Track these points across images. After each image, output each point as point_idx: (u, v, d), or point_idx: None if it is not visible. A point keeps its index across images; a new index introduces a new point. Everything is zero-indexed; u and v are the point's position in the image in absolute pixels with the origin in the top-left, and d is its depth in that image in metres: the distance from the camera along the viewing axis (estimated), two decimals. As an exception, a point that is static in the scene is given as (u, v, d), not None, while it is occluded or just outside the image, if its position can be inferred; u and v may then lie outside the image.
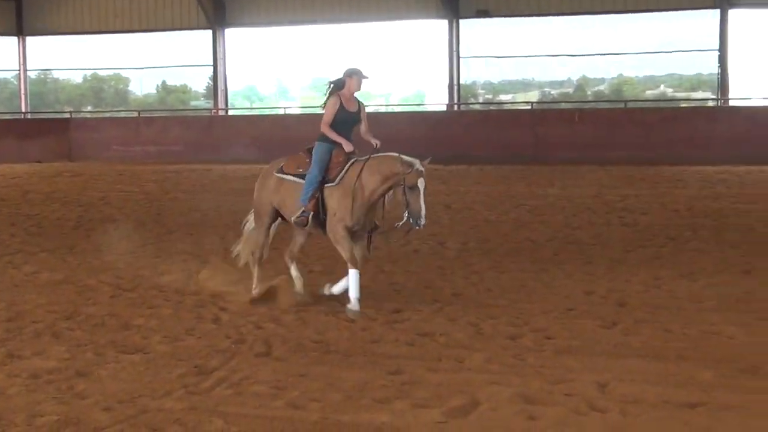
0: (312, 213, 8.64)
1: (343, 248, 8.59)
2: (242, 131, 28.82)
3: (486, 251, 11.85)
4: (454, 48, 29.38)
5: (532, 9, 28.57)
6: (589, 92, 30.56)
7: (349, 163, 8.66)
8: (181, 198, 18.64)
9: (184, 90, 35.10)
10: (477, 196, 17.57)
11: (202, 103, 34.28)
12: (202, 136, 28.95)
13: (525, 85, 31.21)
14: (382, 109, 31.96)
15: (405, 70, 31.47)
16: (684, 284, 9.67)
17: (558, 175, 20.58)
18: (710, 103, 28.19)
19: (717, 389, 6.19)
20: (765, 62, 27.30)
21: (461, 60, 29.59)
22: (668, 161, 22.25)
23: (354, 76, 8.89)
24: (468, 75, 30.10)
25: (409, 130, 25.24)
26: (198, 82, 34.23)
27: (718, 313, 8.34)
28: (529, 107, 28.83)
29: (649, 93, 30.13)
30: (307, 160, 8.84)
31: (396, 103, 32.94)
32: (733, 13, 26.49)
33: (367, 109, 9.13)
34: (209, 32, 31.70)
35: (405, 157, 8.41)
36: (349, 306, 8.44)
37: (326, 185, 8.66)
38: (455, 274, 10.33)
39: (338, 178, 8.63)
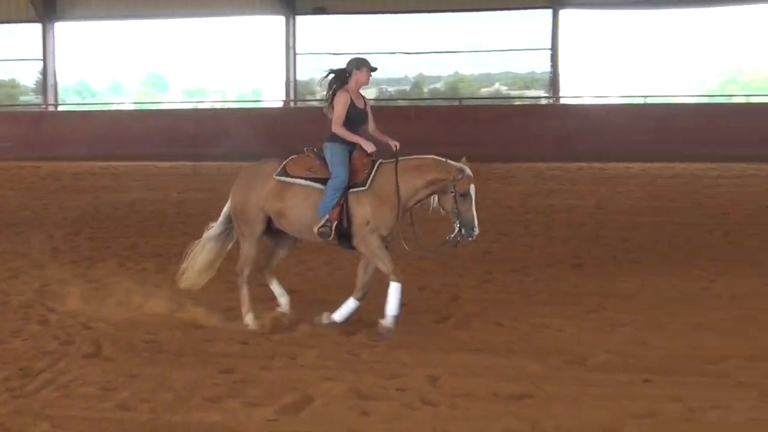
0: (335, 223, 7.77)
1: (382, 260, 7.75)
2: (73, 127, 27.86)
3: (320, 248, 11.78)
4: (291, 45, 29.33)
5: (370, 6, 28.74)
6: (425, 90, 30.99)
7: (375, 166, 7.92)
8: (9, 196, 17.96)
9: (12, 85, 33.84)
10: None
11: (31, 98, 33.10)
12: (32, 133, 27.96)
13: (363, 83, 31.44)
14: (218, 106, 31.57)
15: (241, 66, 31.15)
16: (515, 278, 9.91)
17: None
18: (543, 101, 29.10)
19: (546, 381, 6.37)
20: (595, 61, 28.45)
21: (298, 57, 29.57)
22: (502, 158, 22.65)
23: (363, 68, 8.09)
24: (306, 72, 30.09)
25: (245, 127, 25.05)
26: (27, 76, 33.03)
27: (548, 306, 8.60)
28: (366, 104, 29.10)
29: (484, 91, 30.76)
30: (318, 162, 7.98)
31: (232, 100, 32.61)
32: (564, 13, 27.42)
33: (202, 106, 8.86)
34: (39, 26, 30.69)
35: (452, 162, 7.77)
36: (384, 323, 7.64)
37: (351, 191, 7.80)
38: (289, 271, 10.21)
39: (368, 182, 7.82)
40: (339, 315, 7.93)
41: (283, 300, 8.21)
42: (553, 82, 27.58)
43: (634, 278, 9.59)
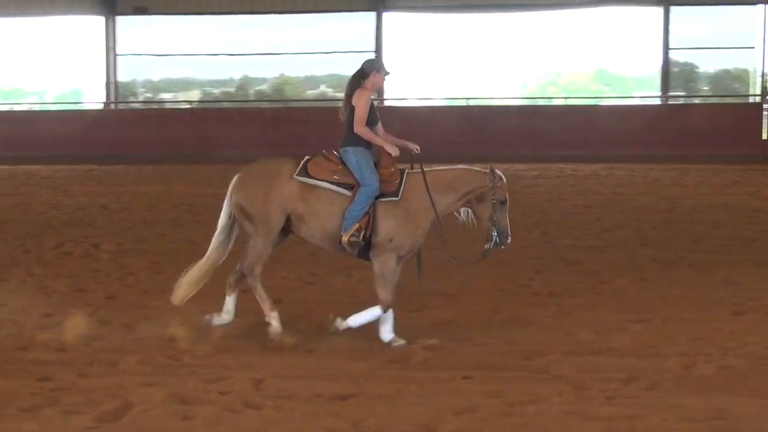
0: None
1: (387, 286, 7.45)
2: None
3: (142, 252, 11.63)
4: (111, 45, 28.60)
5: (193, 7, 28.33)
6: (251, 92, 30.85)
7: (404, 176, 7.59)
8: None
9: None
10: (134, 197, 17.11)
11: None
12: None
13: (187, 84, 30.94)
14: (36, 108, 30.48)
15: (60, 67, 30.19)
16: (340, 279, 9.98)
17: (219, 174, 20.54)
18: (369, 103, 29.45)
19: (368, 380, 6.44)
20: (419, 63, 28.99)
21: (119, 58, 28.86)
22: (329, 160, 22.73)
23: (381, 70, 7.80)
24: (127, 73, 29.39)
25: (63, 129, 24.32)
26: None
27: (369, 306, 8.65)
28: (191, 106, 28.73)
29: (311, 93, 30.93)
30: (341, 167, 7.56)
31: (51, 101, 31.50)
32: (388, 16, 27.82)
33: (19, 108, 8.42)
34: None
35: (484, 169, 7.64)
36: (339, 324, 7.52)
37: (380, 200, 7.43)
38: (110, 276, 10.06)
39: (400, 193, 7.47)
40: (356, 320, 7.59)
41: (226, 317, 7.69)
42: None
43: (455, 276, 9.74)
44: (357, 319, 7.53)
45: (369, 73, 7.71)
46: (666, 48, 26.19)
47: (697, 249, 11.57)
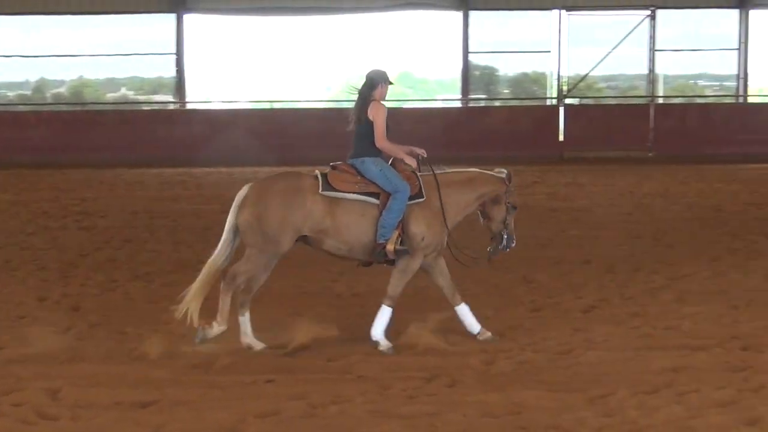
0: None
1: (402, 283, 7.67)
2: None
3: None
4: None
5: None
6: (48, 94, 29.82)
7: (420, 179, 7.69)
8: None
9: None
10: None
11: None
12: None
13: (-23, 87, 29.67)
14: None
15: None
16: (140, 285, 9.84)
17: (13, 180, 19.80)
18: (171, 106, 29.00)
19: (170, 386, 6.41)
20: (222, 66, 28.79)
21: None
22: (128, 163, 22.41)
23: (387, 82, 7.89)
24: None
25: None
26: None
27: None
28: (-18, 110, 27.54)
29: (110, 95, 30.18)
30: (360, 177, 7.58)
31: None
32: (189, 18, 27.32)
33: None
34: None
35: (496, 173, 7.87)
36: (381, 345, 7.48)
37: (408, 203, 7.53)
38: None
39: (423, 194, 7.59)
40: (471, 325, 7.74)
41: (216, 330, 7.34)
42: (179, 86, 27.54)
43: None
44: (378, 329, 7.59)
45: (377, 84, 7.84)
46: (466, 52, 26.93)
47: (496, 248, 12.01)
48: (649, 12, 25.72)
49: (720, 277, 9.93)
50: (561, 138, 25.04)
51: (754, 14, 27.41)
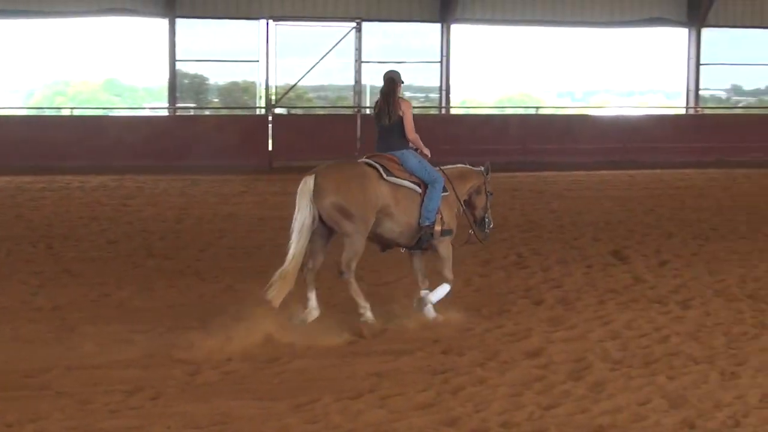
0: None
1: (450, 264, 8.92)
2: None
3: None
4: None
5: None
6: None
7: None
8: None
9: None
10: None
11: None
12: None
13: None
14: None
15: None
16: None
17: None
18: None
19: None
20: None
21: None
22: None
23: (401, 82, 8.92)
24: None
25: None
26: None
27: None
28: None
29: None
30: (400, 167, 8.55)
31: None
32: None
33: None
34: None
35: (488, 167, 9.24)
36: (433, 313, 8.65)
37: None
38: None
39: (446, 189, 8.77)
40: (435, 297, 8.76)
41: (315, 313, 8.32)
42: None
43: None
44: (435, 297, 8.74)
45: (398, 83, 8.79)
46: (173, 59, 26.60)
47: (203, 258, 11.99)
48: (355, 24, 26.44)
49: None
50: (270, 147, 25.29)
51: (455, 28, 29.00)
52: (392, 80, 8.79)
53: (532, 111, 30.85)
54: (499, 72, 33.68)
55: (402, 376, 6.98)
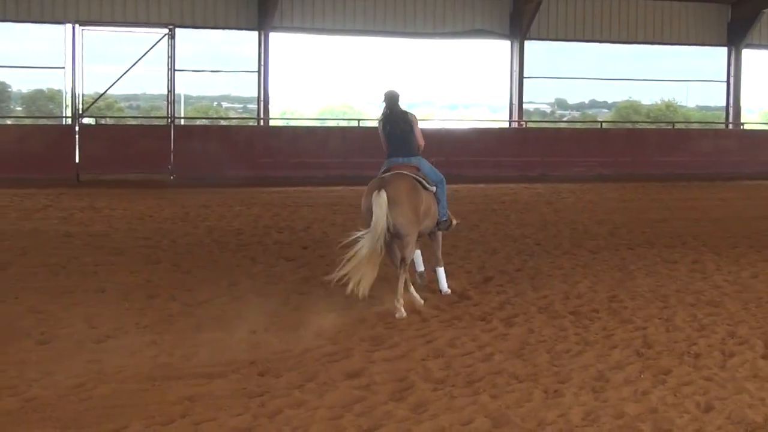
0: None
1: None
2: None
3: None
4: None
5: None
6: None
7: None
8: None
9: None
10: None
11: None
12: None
13: None
14: None
15: None
16: None
17: None
18: None
19: None
20: None
21: None
22: None
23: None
24: None
25: None
26: None
27: None
28: None
29: None
30: (421, 173, 10.29)
31: None
32: None
33: None
34: None
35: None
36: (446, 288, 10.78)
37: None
38: None
39: None
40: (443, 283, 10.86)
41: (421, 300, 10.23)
42: None
43: None
44: (444, 284, 10.80)
45: (399, 98, 10.53)
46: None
47: (2, 278, 11.42)
48: (167, 30, 25.97)
49: (239, 301, 10.21)
50: (77, 159, 24.56)
51: (274, 37, 29.14)
52: (397, 97, 10.47)
53: (354, 123, 31.21)
54: (319, 82, 33.93)
55: (216, 400, 6.83)
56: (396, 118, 10.35)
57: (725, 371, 7.72)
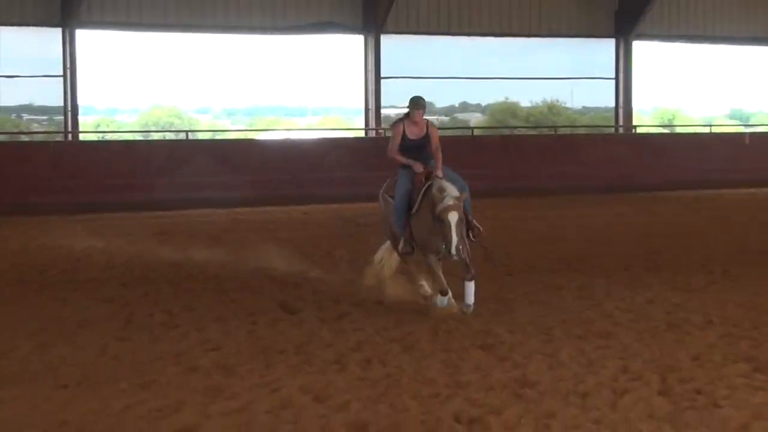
0: None
1: None
2: None
3: None
4: None
5: None
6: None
7: None
8: None
9: None
10: None
11: None
12: None
13: None
14: None
15: None
16: None
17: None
18: None
19: None
20: None
21: None
22: None
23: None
24: None
25: None
26: None
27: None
28: None
29: None
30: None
31: None
32: None
33: None
34: None
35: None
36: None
37: None
38: None
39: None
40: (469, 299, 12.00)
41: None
42: None
43: None
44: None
45: (423, 106, 12.70)
46: None
47: None
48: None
49: (48, 351, 10.11)
50: None
51: (81, 34, 28.74)
52: (419, 104, 12.48)
53: (183, 136, 31.03)
54: (140, 89, 33.65)
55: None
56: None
57: (616, 412, 7.98)
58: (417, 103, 12.45)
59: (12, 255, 16.91)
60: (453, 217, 11.36)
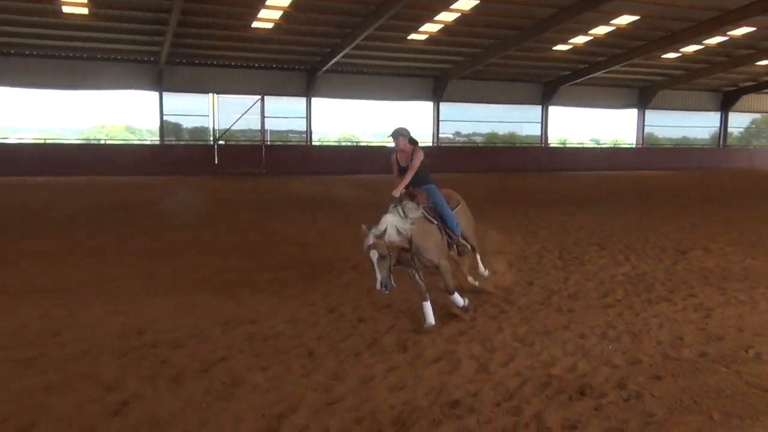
0: None
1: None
2: None
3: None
4: None
5: None
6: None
7: None
8: None
9: None
10: None
11: None
12: None
13: None
14: None
15: None
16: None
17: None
18: None
19: None
20: None
21: None
22: None
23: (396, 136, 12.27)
24: None
25: None
26: None
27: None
28: None
29: None
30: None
31: None
32: None
33: None
34: None
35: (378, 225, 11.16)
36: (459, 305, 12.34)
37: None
38: None
39: None
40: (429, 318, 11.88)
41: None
42: None
43: None
44: (458, 300, 12.38)
45: (406, 136, 12.48)
46: None
47: None
48: None
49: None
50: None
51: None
52: (395, 132, 12.24)
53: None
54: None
55: None
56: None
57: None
58: (393, 132, 12.07)
59: None
60: (373, 256, 10.75)
